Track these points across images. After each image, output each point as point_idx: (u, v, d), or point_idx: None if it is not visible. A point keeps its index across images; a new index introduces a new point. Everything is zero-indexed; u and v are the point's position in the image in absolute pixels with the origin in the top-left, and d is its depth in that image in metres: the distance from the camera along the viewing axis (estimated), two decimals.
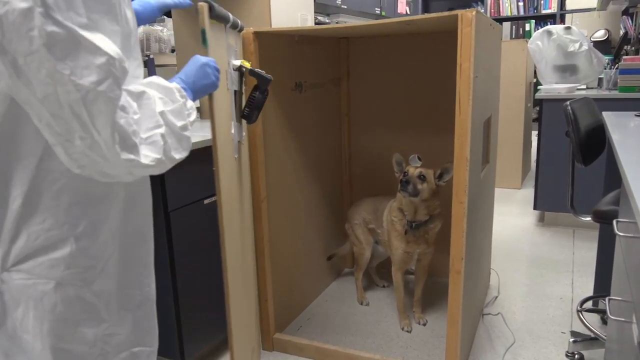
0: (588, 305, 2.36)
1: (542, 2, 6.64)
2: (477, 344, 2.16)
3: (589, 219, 1.91)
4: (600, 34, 4.92)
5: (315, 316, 2.43)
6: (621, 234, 1.16)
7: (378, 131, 2.68)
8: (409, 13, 6.03)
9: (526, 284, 2.72)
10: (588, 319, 2.22)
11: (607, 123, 1.97)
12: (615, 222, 1.17)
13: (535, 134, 4.39)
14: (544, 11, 6.65)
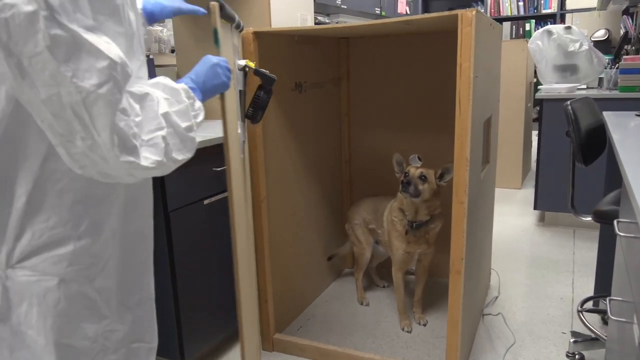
0: (588, 305, 2.36)
1: (542, 2, 6.64)
2: (478, 344, 2.16)
3: (589, 219, 1.91)
4: (600, 34, 4.92)
5: (316, 316, 2.43)
6: (622, 234, 1.15)
7: (378, 131, 2.68)
8: (409, 13, 6.03)
9: (526, 284, 2.72)
10: (589, 319, 2.22)
11: (608, 123, 1.97)
12: (616, 222, 1.17)
13: (535, 134, 4.39)
14: (544, 11, 6.65)
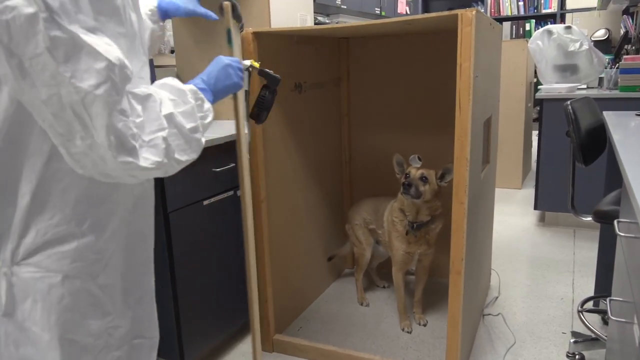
0: (589, 305, 2.35)
1: (543, 2, 6.64)
2: (478, 345, 2.15)
3: (589, 219, 1.91)
4: (600, 34, 4.91)
5: (316, 317, 2.43)
6: (622, 234, 1.15)
7: (378, 131, 2.68)
8: (409, 13, 6.04)
9: (527, 284, 2.72)
10: (589, 319, 2.21)
11: (608, 123, 1.97)
12: (616, 222, 1.17)
13: (535, 134, 4.39)
14: (544, 11, 6.65)
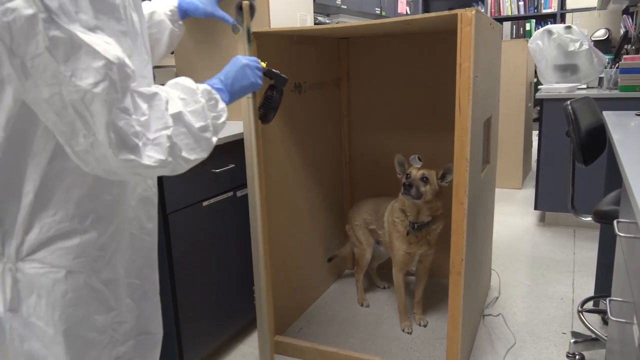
0: (589, 305, 2.35)
1: (543, 2, 6.64)
2: (478, 345, 2.15)
3: (589, 219, 1.91)
4: (600, 33, 4.91)
5: (316, 318, 2.43)
6: (622, 234, 1.15)
7: (378, 131, 2.68)
8: (409, 13, 6.04)
9: (527, 285, 2.71)
10: (589, 319, 2.21)
11: (608, 122, 1.97)
12: (615, 223, 1.17)
13: (535, 134, 4.39)
14: (545, 11, 6.65)
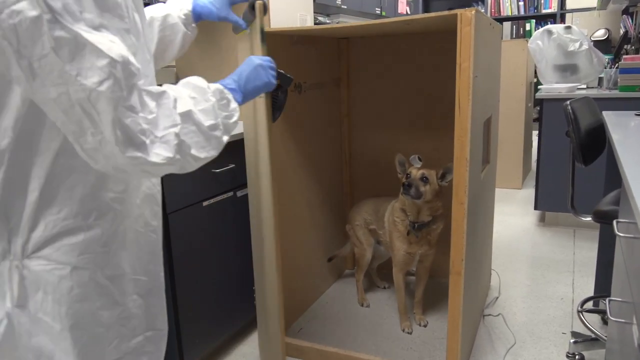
0: (589, 305, 2.35)
1: (543, 2, 6.64)
2: (478, 345, 2.15)
3: (589, 219, 1.91)
4: (600, 34, 4.92)
5: (316, 318, 2.43)
6: (621, 234, 1.15)
7: (378, 131, 2.68)
8: (409, 13, 6.04)
9: (527, 285, 2.71)
10: (589, 319, 2.21)
11: (607, 122, 1.97)
12: (615, 223, 1.16)
13: (535, 134, 4.39)
14: (544, 11, 6.65)
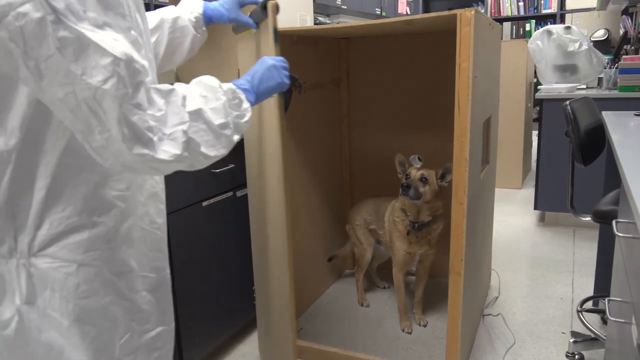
0: (588, 305, 2.35)
1: (542, 2, 6.64)
2: (478, 345, 2.15)
3: (589, 219, 1.91)
4: (600, 34, 4.92)
5: (316, 318, 2.43)
6: (620, 234, 1.15)
7: (378, 131, 2.68)
8: (409, 13, 6.04)
9: (527, 285, 2.72)
10: (588, 319, 2.21)
11: (607, 123, 1.97)
12: (614, 223, 1.16)
13: (535, 134, 4.39)
14: (544, 11, 6.65)
